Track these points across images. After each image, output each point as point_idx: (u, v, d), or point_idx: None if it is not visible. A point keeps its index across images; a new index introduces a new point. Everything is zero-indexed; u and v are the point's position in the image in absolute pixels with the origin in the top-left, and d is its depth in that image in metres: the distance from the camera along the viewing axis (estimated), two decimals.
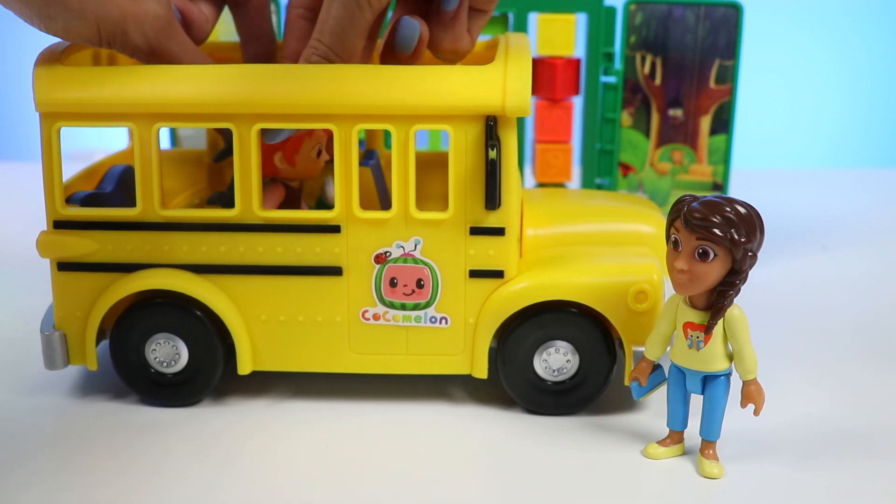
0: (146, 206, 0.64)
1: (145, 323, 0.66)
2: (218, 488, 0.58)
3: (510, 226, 0.64)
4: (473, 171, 0.63)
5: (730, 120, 0.94)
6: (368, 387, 0.69)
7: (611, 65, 0.93)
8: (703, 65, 0.93)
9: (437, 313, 0.65)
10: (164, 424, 0.65)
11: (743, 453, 0.61)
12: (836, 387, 0.71)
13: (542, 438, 0.63)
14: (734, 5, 0.91)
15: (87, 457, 0.61)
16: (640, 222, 0.73)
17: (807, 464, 0.60)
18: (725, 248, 0.55)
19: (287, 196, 0.69)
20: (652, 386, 0.62)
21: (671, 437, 0.61)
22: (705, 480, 0.59)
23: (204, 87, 0.61)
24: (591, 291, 0.64)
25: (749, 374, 0.58)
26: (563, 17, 0.91)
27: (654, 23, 0.92)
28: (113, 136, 0.99)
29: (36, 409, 0.67)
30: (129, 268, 0.65)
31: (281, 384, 0.70)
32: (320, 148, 0.69)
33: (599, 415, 0.66)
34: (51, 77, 0.63)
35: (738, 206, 0.55)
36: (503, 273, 0.65)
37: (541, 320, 0.65)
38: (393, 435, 0.64)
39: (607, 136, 0.94)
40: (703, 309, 0.57)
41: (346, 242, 0.64)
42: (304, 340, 0.66)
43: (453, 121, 0.62)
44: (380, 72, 0.62)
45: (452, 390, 0.70)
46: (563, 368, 0.66)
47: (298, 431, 0.64)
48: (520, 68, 0.62)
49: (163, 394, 0.67)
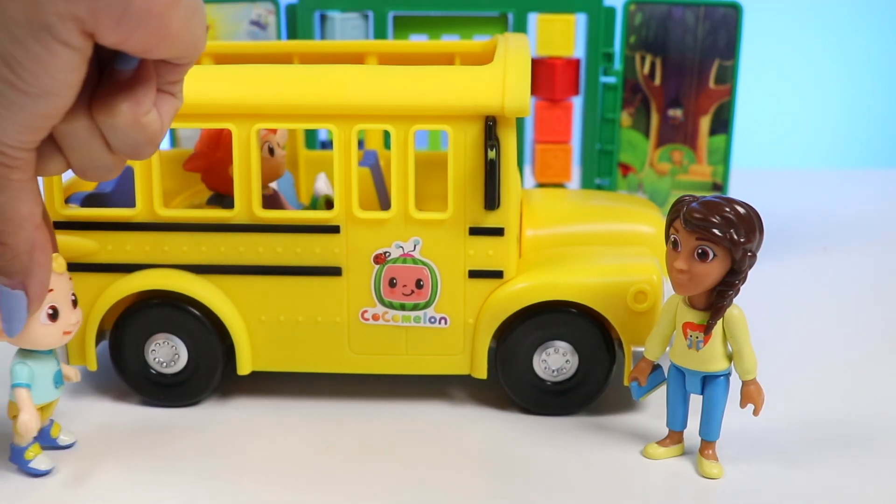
0: (146, 207, 0.64)
1: (145, 323, 0.66)
2: (218, 488, 0.58)
3: (509, 226, 0.64)
4: (473, 172, 0.63)
5: (729, 120, 0.94)
6: (368, 387, 0.69)
7: (610, 65, 0.93)
8: (703, 65, 0.93)
9: (437, 313, 0.65)
10: (163, 425, 0.65)
11: (743, 453, 0.61)
12: (836, 387, 0.71)
13: (542, 438, 0.63)
14: (734, 5, 0.91)
15: (86, 457, 0.61)
16: (639, 222, 0.73)
17: (807, 464, 0.60)
18: (725, 248, 0.55)
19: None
20: (651, 386, 0.62)
21: (671, 437, 0.61)
22: (705, 480, 0.59)
23: (203, 88, 0.61)
24: (590, 291, 0.64)
25: (748, 375, 0.58)
26: (562, 17, 0.91)
27: (654, 23, 0.92)
28: None
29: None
30: (129, 268, 0.65)
31: (281, 384, 0.70)
32: (270, 146, 0.69)
33: (599, 415, 0.66)
34: None
35: (737, 206, 0.55)
36: (502, 273, 0.65)
37: (540, 320, 0.65)
38: (393, 435, 0.64)
39: (607, 137, 0.94)
40: (702, 309, 0.57)
41: (345, 243, 0.64)
42: (303, 341, 0.66)
43: (452, 121, 0.62)
44: (379, 72, 0.62)
45: (452, 390, 0.70)
46: (563, 368, 0.66)
47: (298, 431, 0.64)
48: (519, 69, 0.62)
49: (162, 394, 0.67)
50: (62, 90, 0.43)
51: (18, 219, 0.48)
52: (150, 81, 0.46)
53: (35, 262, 0.50)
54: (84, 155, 0.48)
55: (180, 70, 0.47)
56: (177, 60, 0.46)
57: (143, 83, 0.46)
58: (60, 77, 0.42)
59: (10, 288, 0.51)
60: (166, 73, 0.47)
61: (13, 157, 0.45)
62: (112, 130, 0.46)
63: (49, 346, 0.57)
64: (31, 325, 0.54)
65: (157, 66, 0.47)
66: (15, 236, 0.49)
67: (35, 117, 0.44)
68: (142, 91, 0.46)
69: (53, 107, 0.43)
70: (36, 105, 0.43)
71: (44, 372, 0.58)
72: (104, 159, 0.48)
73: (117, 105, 0.46)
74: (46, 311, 0.55)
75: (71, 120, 0.46)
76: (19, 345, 0.57)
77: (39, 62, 0.41)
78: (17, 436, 0.58)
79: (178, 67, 0.47)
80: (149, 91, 0.46)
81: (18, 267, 0.50)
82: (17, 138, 0.44)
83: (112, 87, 0.46)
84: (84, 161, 0.48)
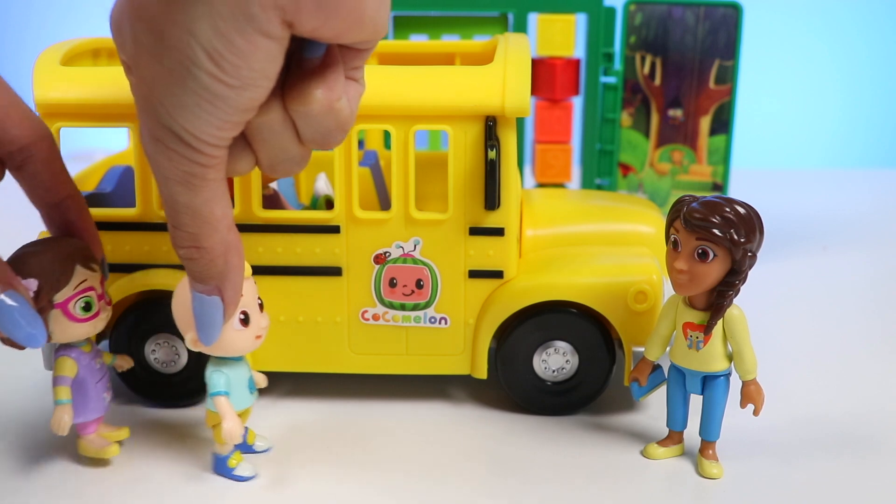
0: (146, 207, 0.64)
1: (145, 323, 0.66)
2: (218, 489, 0.58)
3: (509, 226, 0.64)
4: (473, 172, 0.63)
5: (729, 120, 0.94)
6: (368, 387, 0.69)
7: (610, 65, 0.93)
8: (703, 65, 0.93)
9: (437, 313, 0.65)
10: (163, 425, 0.65)
11: (743, 453, 0.61)
12: (835, 387, 0.71)
13: (542, 438, 0.63)
14: (734, 5, 0.91)
15: (86, 457, 0.61)
16: (639, 222, 0.73)
17: (807, 464, 0.60)
18: (725, 248, 0.55)
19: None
20: (651, 386, 0.62)
21: (671, 438, 0.61)
22: (705, 480, 0.59)
23: None
24: (590, 292, 0.64)
25: (748, 375, 0.58)
26: (562, 17, 0.91)
27: (654, 23, 0.92)
28: (113, 136, 0.99)
29: (36, 410, 0.67)
30: (129, 268, 0.65)
31: (281, 384, 0.70)
32: None
33: (599, 415, 0.66)
34: (51, 77, 0.63)
35: (737, 206, 0.55)
36: (503, 273, 0.65)
37: (540, 320, 0.65)
38: (393, 435, 0.64)
39: (607, 137, 0.94)
40: (702, 309, 0.58)
41: (345, 243, 0.64)
42: (303, 340, 0.66)
43: (453, 121, 0.62)
44: (380, 72, 0.62)
45: (452, 390, 0.70)
46: (563, 369, 0.66)
47: (298, 431, 0.64)
48: (519, 69, 0.62)
49: (162, 394, 0.67)
50: (262, 81, 0.43)
51: (214, 220, 0.48)
52: (338, 67, 0.47)
53: (230, 266, 0.50)
54: (276, 148, 0.48)
55: (363, 55, 0.47)
56: (362, 45, 0.46)
57: (332, 69, 0.46)
58: (261, 68, 0.42)
59: (206, 294, 0.51)
60: (350, 59, 0.47)
61: (210, 156, 0.45)
62: (306, 119, 0.47)
63: (243, 352, 0.56)
64: (225, 331, 0.54)
65: (342, 52, 0.47)
66: (210, 239, 0.48)
67: (235, 111, 0.44)
68: (332, 77, 0.46)
69: (253, 99, 0.44)
70: (238, 98, 0.43)
71: (239, 378, 0.57)
72: (294, 151, 0.48)
73: (311, 93, 0.46)
74: (238, 317, 0.55)
75: (265, 113, 0.46)
76: (214, 352, 0.56)
77: (242, 54, 0.42)
78: (220, 444, 0.58)
79: (361, 52, 0.47)
80: (339, 77, 0.47)
81: (214, 271, 0.50)
82: (215, 135, 0.44)
83: (303, 75, 0.46)
84: (275, 154, 0.48)
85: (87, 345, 0.59)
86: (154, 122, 0.44)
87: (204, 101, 0.43)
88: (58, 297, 0.55)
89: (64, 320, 0.55)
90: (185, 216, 0.47)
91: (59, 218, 0.57)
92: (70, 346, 0.58)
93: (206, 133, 0.44)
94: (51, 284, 0.54)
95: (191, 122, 0.43)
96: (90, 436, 0.60)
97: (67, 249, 0.56)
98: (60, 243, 0.56)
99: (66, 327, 0.56)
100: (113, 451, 0.59)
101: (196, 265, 0.49)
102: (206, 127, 0.44)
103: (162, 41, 0.42)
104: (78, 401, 0.58)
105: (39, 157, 0.55)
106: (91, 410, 0.59)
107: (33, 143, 0.55)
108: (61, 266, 0.55)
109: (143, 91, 0.44)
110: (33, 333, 0.52)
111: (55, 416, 0.57)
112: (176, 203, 0.47)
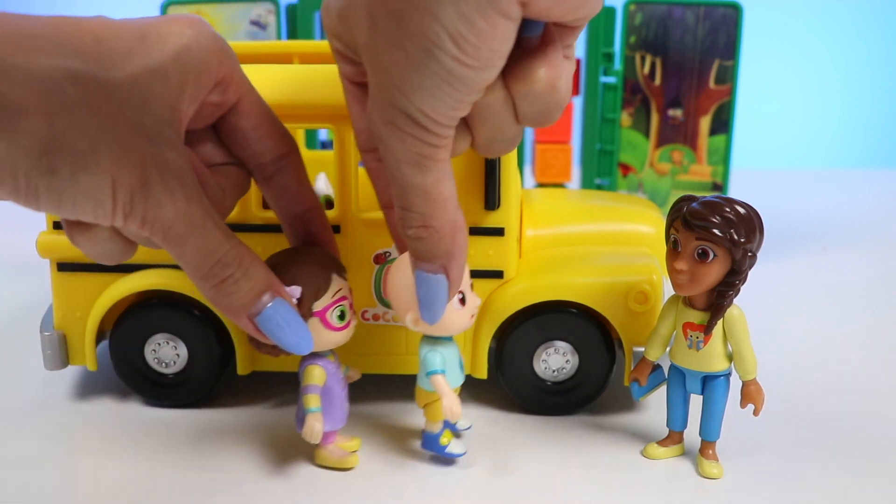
0: None
1: (145, 323, 0.66)
2: (218, 489, 0.58)
3: (509, 226, 0.64)
4: (473, 172, 0.63)
5: (729, 120, 0.94)
6: (368, 387, 0.69)
7: (610, 65, 0.93)
8: (703, 65, 0.93)
9: None
10: (163, 425, 0.65)
11: (743, 453, 0.61)
12: (835, 387, 0.71)
13: (542, 438, 0.63)
14: (734, 5, 0.91)
15: (86, 457, 0.61)
16: (639, 222, 0.73)
17: (806, 464, 0.60)
18: (725, 248, 0.55)
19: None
20: (652, 386, 0.62)
21: (671, 438, 0.61)
22: (705, 480, 0.59)
23: None
24: (590, 292, 0.64)
25: (749, 375, 0.58)
26: None
27: (654, 23, 0.92)
28: None
29: (36, 410, 0.67)
30: (129, 268, 0.65)
31: (281, 384, 0.70)
32: None
33: (599, 415, 0.66)
34: None
35: (737, 206, 0.55)
36: (503, 273, 0.65)
37: (540, 320, 0.65)
38: (393, 435, 0.64)
39: (607, 137, 0.94)
40: (702, 309, 0.57)
41: (345, 242, 0.64)
42: None
43: None
44: None
45: None
46: (563, 369, 0.66)
47: (297, 432, 0.64)
48: None
49: (162, 394, 0.67)
50: (497, 61, 0.44)
51: (442, 199, 0.49)
52: (557, 45, 0.47)
53: (456, 245, 0.51)
54: (495, 128, 0.49)
55: (576, 32, 0.48)
56: (577, 23, 0.47)
57: (552, 47, 0.47)
58: (499, 48, 0.43)
59: (432, 273, 0.51)
60: (564, 36, 0.48)
61: (442, 136, 0.46)
62: (528, 98, 0.47)
63: (460, 331, 0.57)
64: (446, 311, 0.54)
65: (557, 30, 0.47)
66: (440, 219, 0.49)
67: (471, 91, 0.45)
68: (553, 55, 0.47)
69: (487, 79, 0.45)
70: (476, 78, 0.44)
71: (452, 357, 0.58)
72: (511, 131, 0.49)
73: (535, 71, 0.47)
74: (457, 297, 0.55)
75: (490, 93, 0.47)
76: (435, 332, 0.57)
77: (483, 36, 0.42)
78: (432, 422, 0.59)
79: (574, 30, 0.48)
80: (558, 55, 0.47)
81: (442, 250, 0.50)
82: (449, 115, 0.45)
83: (524, 54, 0.47)
84: (493, 134, 0.49)
85: (332, 354, 0.59)
86: (388, 106, 0.45)
87: (444, 82, 0.44)
88: (317, 305, 0.55)
89: (321, 329, 0.56)
90: (415, 197, 0.48)
91: (302, 229, 0.58)
92: (318, 355, 0.58)
93: (441, 114, 0.45)
94: (312, 293, 0.55)
95: (428, 104, 0.45)
96: (330, 446, 0.60)
97: (322, 259, 0.56)
98: (315, 253, 0.56)
99: (323, 336, 0.56)
100: (353, 461, 0.59)
101: (424, 244, 0.50)
102: (442, 108, 0.45)
103: (401, 26, 0.43)
104: (325, 409, 0.58)
105: (289, 169, 0.56)
106: (337, 420, 0.59)
107: (284, 154, 0.55)
108: (320, 275, 0.55)
109: (377, 78, 0.46)
110: (299, 341, 0.52)
111: (307, 425, 0.57)
112: (407, 185, 0.48)
